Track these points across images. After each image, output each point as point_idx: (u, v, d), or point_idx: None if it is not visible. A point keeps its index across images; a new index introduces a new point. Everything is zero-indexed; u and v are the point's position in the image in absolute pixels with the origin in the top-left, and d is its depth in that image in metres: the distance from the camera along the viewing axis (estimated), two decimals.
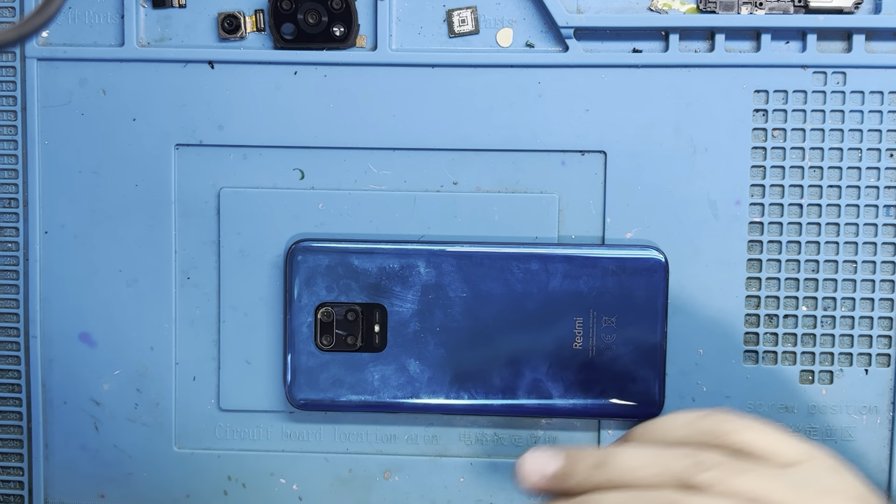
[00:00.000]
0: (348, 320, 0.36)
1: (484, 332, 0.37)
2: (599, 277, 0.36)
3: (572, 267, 0.36)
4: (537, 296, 0.36)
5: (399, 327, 0.37)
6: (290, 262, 0.37)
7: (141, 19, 0.40)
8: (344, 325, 0.36)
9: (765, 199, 0.39)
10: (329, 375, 0.37)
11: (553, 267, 0.36)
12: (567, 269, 0.36)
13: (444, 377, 0.37)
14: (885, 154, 0.38)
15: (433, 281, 0.36)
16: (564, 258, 0.36)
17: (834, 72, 0.38)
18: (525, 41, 0.39)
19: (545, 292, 0.36)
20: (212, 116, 0.39)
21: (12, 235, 0.40)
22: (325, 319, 0.37)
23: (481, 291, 0.36)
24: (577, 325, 0.36)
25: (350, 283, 0.36)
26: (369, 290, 0.36)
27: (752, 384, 0.39)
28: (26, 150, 0.40)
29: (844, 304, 0.39)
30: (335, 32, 0.39)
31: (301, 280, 0.37)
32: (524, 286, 0.36)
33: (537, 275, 0.36)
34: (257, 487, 0.41)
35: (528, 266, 0.36)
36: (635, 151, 0.39)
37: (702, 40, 0.39)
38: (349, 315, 0.36)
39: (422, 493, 0.40)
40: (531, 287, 0.36)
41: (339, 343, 0.37)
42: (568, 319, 0.36)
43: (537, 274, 0.36)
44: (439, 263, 0.36)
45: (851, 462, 0.39)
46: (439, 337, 0.37)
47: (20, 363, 0.41)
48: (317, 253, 0.37)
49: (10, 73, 0.40)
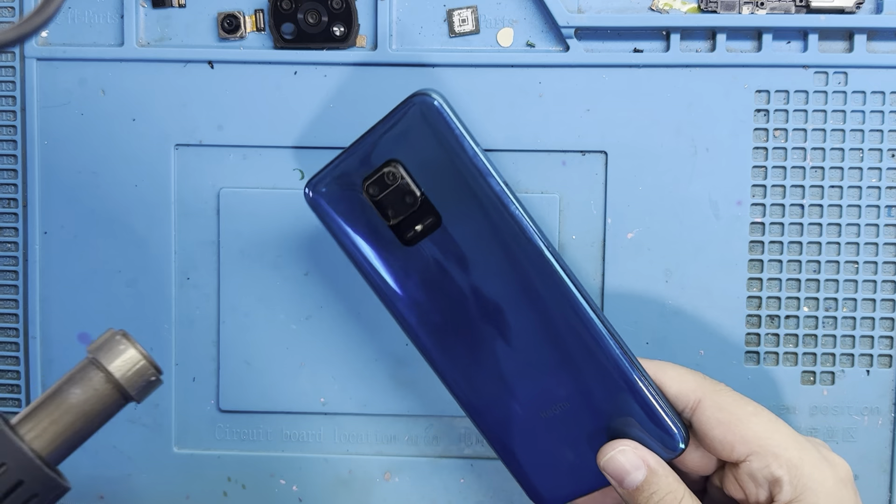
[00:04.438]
0: (404, 200, 0.31)
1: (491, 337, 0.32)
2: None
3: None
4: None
5: (442, 245, 0.31)
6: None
7: (140, 19, 0.39)
8: (395, 200, 0.31)
9: (766, 200, 0.39)
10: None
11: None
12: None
13: (447, 327, 0.32)
14: (886, 154, 0.38)
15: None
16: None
17: (835, 72, 0.38)
18: (526, 41, 0.39)
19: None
20: (211, 116, 0.39)
21: (11, 236, 0.40)
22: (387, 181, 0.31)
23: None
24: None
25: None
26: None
27: (753, 385, 0.39)
28: (25, 151, 0.40)
29: (846, 304, 0.39)
30: (335, 32, 0.38)
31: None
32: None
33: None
34: (257, 488, 0.40)
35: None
36: (636, 151, 0.39)
37: (703, 40, 0.39)
38: (407, 197, 0.31)
39: (422, 494, 0.40)
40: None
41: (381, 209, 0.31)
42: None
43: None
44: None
45: (853, 463, 0.39)
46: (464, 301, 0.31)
47: (19, 364, 0.41)
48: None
49: (10, 73, 0.40)
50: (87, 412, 0.27)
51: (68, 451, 0.27)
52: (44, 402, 0.27)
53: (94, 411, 0.27)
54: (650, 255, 0.39)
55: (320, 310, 0.40)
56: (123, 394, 0.28)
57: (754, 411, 0.30)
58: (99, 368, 0.27)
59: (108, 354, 0.27)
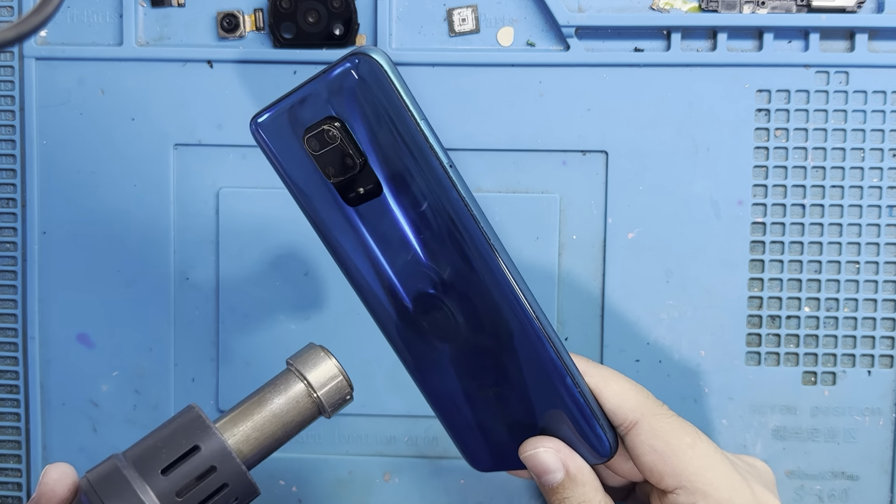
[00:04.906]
0: (344, 162, 0.28)
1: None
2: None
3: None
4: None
5: (384, 212, 0.29)
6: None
7: (140, 18, 0.39)
8: (334, 159, 0.28)
9: (767, 200, 0.39)
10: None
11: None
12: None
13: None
14: (887, 154, 0.38)
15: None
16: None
17: (836, 71, 0.38)
18: (526, 40, 0.39)
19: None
20: (211, 116, 0.39)
21: (10, 236, 0.40)
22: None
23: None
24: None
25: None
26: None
27: (754, 385, 0.39)
28: (24, 150, 0.40)
29: (847, 305, 0.39)
30: (335, 32, 0.38)
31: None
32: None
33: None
34: None
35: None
36: (637, 151, 0.39)
37: (704, 39, 0.38)
38: (347, 160, 0.28)
39: (422, 495, 0.40)
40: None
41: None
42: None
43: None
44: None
45: (854, 463, 0.39)
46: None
47: (18, 364, 0.40)
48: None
49: (9, 73, 0.40)
50: (286, 422, 0.28)
51: (264, 457, 0.28)
52: (246, 407, 0.28)
53: (292, 422, 0.28)
54: (651, 255, 0.39)
55: (320, 310, 0.40)
56: (320, 407, 0.28)
57: (691, 443, 0.29)
58: (301, 380, 0.28)
59: (311, 368, 0.28)
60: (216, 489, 0.26)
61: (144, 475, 0.26)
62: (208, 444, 0.26)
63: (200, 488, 0.26)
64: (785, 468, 0.39)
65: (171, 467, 0.26)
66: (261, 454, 0.28)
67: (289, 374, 0.29)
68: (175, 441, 0.26)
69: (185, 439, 0.26)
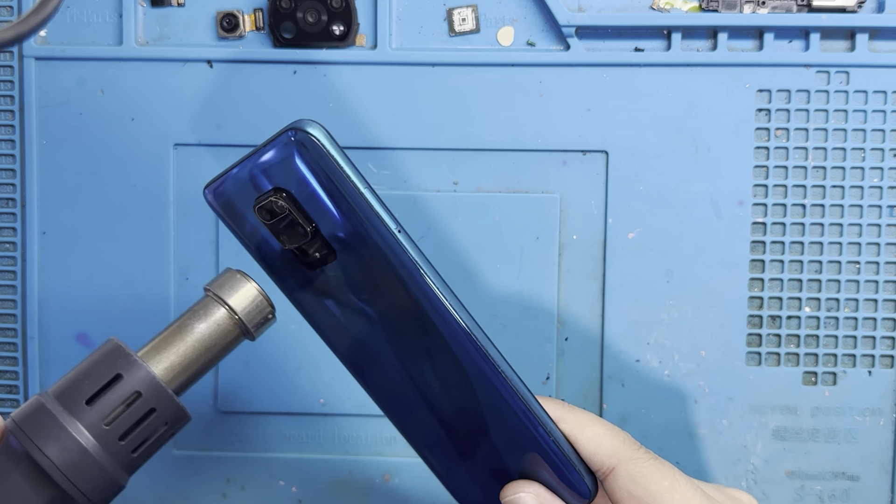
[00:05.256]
0: (295, 231, 0.28)
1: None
2: None
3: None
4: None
5: (342, 275, 0.29)
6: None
7: (139, 18, 0.39)
8: (286, 229, 0.28)
9: (767, 200, 0.38)
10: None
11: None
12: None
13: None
14: (888, 154, 0.38)
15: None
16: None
17: (837, 71, 0.38)
18: (526, 40, 0.39)
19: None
20: (211, 116, 0.39)
21: (10, 236, 0.40)
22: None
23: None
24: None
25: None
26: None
27: (754, 385, 0.39)
28: (24, 150, 0.40)
29: (847, 305, 0.39)
30: (335, 31, 0.38)
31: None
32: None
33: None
34: (256, 490, 0.40)
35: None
36: (637, 151, 0.39)
37: (704, 39, 0.38)
38: (298, 228, 0.28)
39: (421, 496, 0.40)
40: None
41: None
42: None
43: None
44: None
45: (855, 464, 0.39)
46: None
47: (18, 364, 0.40)
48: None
49: (8, 73, 0.40)
50: (209, 346, 0.28)
51: (191, 382, 0.28)
52: (168, 335, 0.28)
53: (216, 346, 0.28)
54: (651, 255, 0.39)
55: None
56: (243, 329, 0.28)
57: (669, 487, 0.29)
58: (220, 304, 0.28)
59: (229, 291, 0.28)
60: (144, 414, 0.26)
61: (69, 408, 0.26)
62: (131, 372, 0.26)
63: (128, 414, 0.26)
64: (785, 468, 0.39)
65: (95, 397, 0.26)
66: (186, 379, 0.28)
67: (208, 299, 0.28)
68: (97, 372, 0.26)
69: (107, 369, 0.26)
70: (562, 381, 0.39)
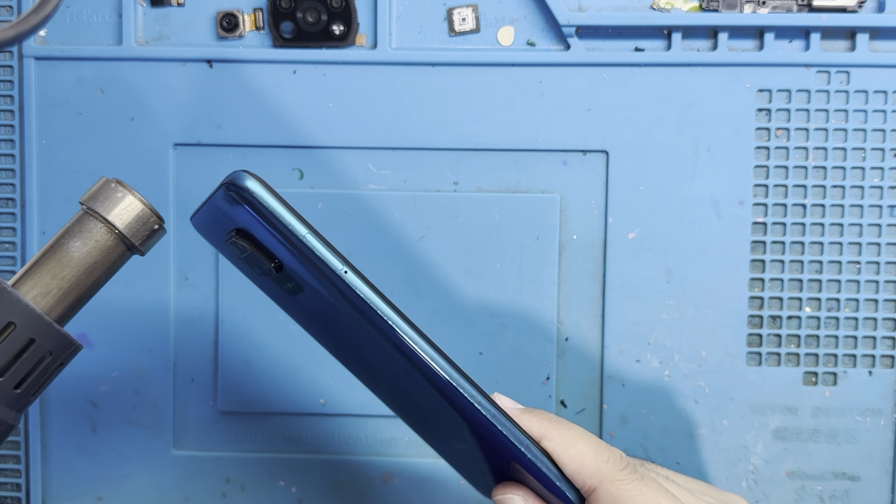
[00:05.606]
0: (262, 265, 0.28)
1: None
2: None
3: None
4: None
5: (314, 302, 0.29)
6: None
7: (139, 18, 0.39)
8: (255, 263, 0.28)
9: (768, 200, 0.38)
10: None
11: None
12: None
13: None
14: (888, 154, 0.38)
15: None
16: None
17: (837, 71, 0.38)
18: (526, 40, 0.39)
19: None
20: (210, 116, 0.39)
21: (10, 236, 0.40)
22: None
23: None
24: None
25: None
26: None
27: (755, 386, 0.39)
28: (24, 150, 0.40)
29: (848, 305, 0.39)
30: (335, 31, 0.38)
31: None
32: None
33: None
34: (256, 490, 0.40)
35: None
36: (637, 151, 0.38)
37: (704, 39, 0.38)
38: (263, 264, 0.28)
39: (421, 496, 0.40)
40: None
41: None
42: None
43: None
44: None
45: (855, 464, 0.39)
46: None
47: None
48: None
49: (8, 73, 0.40)
50: (90, 266, 0.26)
51: (74, 308, 0.26)
52: (42, 258, 0.26)
53: (97, 265, 0.26)
54: (651, 255, 0.39)
55: None
56: (127, 244, 0.26)
57: None
58: (97, 219, 0.26)
59: (104, 203, 0.26)
60: (23, 346, 0.24)
61: None
62: (20, 317, 0.24)
63: (3, 347, 0.24)
64: (786, 469, 0.39)
65: None
66: (69, 305, 0.26)
67: (83, 214, 0.26)
68: None
69: None
70: (562, 381, 0.39)
